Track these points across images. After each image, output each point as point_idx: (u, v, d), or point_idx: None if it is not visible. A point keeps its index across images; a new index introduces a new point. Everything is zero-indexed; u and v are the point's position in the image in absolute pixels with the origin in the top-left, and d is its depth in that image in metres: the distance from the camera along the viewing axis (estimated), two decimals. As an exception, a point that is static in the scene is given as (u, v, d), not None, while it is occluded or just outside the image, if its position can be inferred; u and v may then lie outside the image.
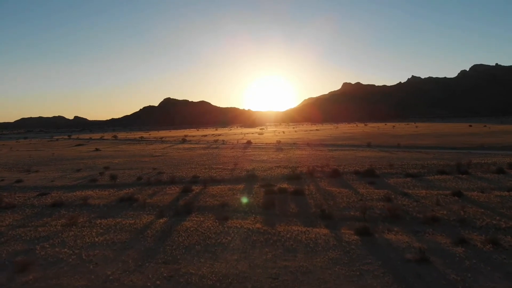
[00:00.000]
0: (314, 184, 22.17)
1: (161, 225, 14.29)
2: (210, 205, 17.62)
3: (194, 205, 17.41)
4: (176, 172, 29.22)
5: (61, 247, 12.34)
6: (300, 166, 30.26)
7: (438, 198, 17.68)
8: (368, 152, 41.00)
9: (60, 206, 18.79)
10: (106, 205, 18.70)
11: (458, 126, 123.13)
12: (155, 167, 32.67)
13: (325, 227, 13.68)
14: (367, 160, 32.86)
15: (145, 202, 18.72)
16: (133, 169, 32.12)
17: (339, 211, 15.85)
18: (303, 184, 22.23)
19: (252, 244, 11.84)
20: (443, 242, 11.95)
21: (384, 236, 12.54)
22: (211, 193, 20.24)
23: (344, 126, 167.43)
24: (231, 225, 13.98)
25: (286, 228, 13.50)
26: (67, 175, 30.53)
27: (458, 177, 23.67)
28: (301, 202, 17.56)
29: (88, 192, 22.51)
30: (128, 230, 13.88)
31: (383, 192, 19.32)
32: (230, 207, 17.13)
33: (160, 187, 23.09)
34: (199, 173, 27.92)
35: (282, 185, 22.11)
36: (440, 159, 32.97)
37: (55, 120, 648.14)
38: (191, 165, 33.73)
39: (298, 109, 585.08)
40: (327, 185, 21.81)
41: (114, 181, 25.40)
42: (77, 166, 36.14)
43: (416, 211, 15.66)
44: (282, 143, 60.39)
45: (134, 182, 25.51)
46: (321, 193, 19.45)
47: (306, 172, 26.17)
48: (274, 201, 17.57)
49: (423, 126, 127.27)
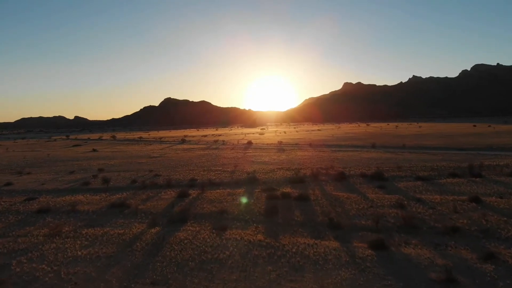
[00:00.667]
0: (320, 188, 20.77)
1: (153, 236, 12.92)
2: (208, 212, 16.24)
3: (190, 212, 16.03)
4: (173, 174, 27.84)
5: (39, 263, 10.98)
6: (303, 168, 28.87)
7: (455, 204, 16.29)
8: (373, 153, 39.60)
9: (46, 213, 17.42)
10: (95, 211, 17.32)
11: (461, 126, 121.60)
12: (151, 169, 31.30)
13: (335, 239, 12.29)
14: (373, 162, 31.46)
15: (137, 208, 17.35)
16: (129, 171, 30.76)
17: (348, 219, 14.45)
18: (308, 188, 20.84)
19: (254, 260, 10.45)
20: (469, 258, 10.58)
21: (402, 250, 11.15)
22: (209, 198, 18.86)
23: (346, 126, 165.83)
24: (229, 236, 12.59)
25: (291, 240, 12.11)
26: (59, 177, 29.17)
27: (471, 181, 22.27)
28: (307, 209, 16.16)
29: (78, 196, 21.14)
30: (115, 242, 12.50)
31: (395, 197, 17.94)
32: (229, 214, 15.75)
33: (155, 191, 21.71)
34: (197, 176, 26.55)
35: (285, 189, 20.73)
36: (449, 160, 31.57)
37: (55, 120, 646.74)
38: (189, 167, 32.35)
39: (299, 109, 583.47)
40: (334, 190, 20.42)
41: (107, 184, 24.02)
42: (71, 168, 34.80)
43: (433, 219, 14.27)
44: (284, 144, 58.99)
45: (128, 185, 24.14)
46: (328, 198, 18.06)
47: (310, 175, 24.78)
48: (277, 207, 16.18)
49: (426, 126, 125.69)
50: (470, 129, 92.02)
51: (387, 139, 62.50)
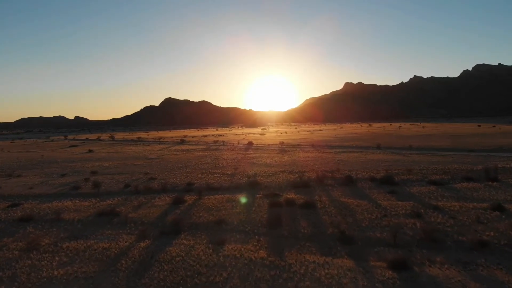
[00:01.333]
0: (326, 194, 19.23)
1: (141, 252, 11.38)
2: (204, 221, 14.71)
3: (185, 222, 14.50)
4: (169, 177, 26.31)
5: (9, 285, 9.47)
6: (307, 171, 27.33)
7: (477, 213, 14.76)
8: (379, 154, 38.02)
9: (28, 222, 15.92)
10: (81, 220, 15.79)
11: (466, 126, 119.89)
12: (147, 172, 29.78)
13: (348, 256, 10.74)
14: (381, 164, 29.90)
15: (127, 217, 15.84)
16: (123, 174, 29.24)
17: (361, 231, 12.91)
18: (313, 194, 19.29)
19: (256, 284, 8.91)
20: (505, 280, 9.05)
21: (427, 271, 9.60)
22: (207, 205, 17.32)
23: (348, 126, 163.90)
24: (228, 252, 11.05)
25: (299, 257, 10.57)
26: (49, 180, 27.66)
27: (488, 185, 20.72)
28: (314, 219, 14.62)
29: (66, 202, 19.64)
30: (98, 259, 10.97)
31: (409, 204, 16.39)
32: (227, 224, 14.22)
33: (149, 196, 20.19)
34: (194, 179, 25.02)
35: (288, 194, 19.20)
36: (461, 163, 30.02)
37: (56, 120, 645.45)
38: (187, 169, 30.82)
39: (300, 109, 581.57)
40: (341, 195, 18.87)
41: (97, 189, 22.50)
42: (64, 170, 33.29)
43: (456, 231, 12.73)
44: (286, 144, 57.41)
45: (120, 190, 22.61)
46: (336, 206, 16.51)
47: (315, 179, 23.24)
48: (281, 216, 14.64)
49: (430, 126, 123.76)
50: (475, 129, 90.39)
51: (392, 139, 60.89)
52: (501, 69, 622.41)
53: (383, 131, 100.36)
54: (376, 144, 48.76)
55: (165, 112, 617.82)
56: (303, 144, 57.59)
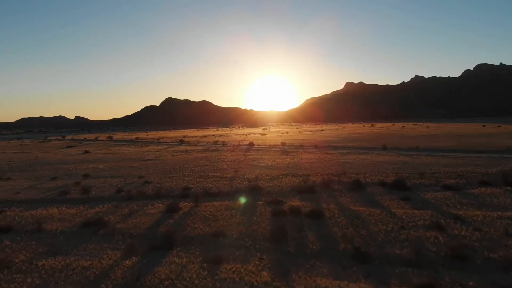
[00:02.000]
0: (334, 201, 17.68)
1: (125, 273, 9.86)
2: (200, 234, 13.18)
3: (178, 234, 12.97)
4: (165, 181, 24.78)
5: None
6: (311, 174, 25.77)
7: (503, 224, 13.28)
8: (386, 156, 36.43)
9: (7, 233, 14.42)
10: (64, 232, 14.28)
11: (470, 126, 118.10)
12: (142, 175, 28.25)
13: (366, 279, 9.22)
14: (389, 167, 28.34)
15: (115, 227, 14.33)
16: (117, 177, 27.72)
17: (378, 247, 11.37)
18: (320, 201, 17.76)
19: (258, 320, 7.38)
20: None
21: (462, 300, 8.07)
22: (203, 214, 15.80)
23: (350, 126, 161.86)
24: (225, 275, 9.53)
25: (308, 282, 9.05)
26: (38, 184, 26.15)
27: (508, 191, 19.18)
28: (323, 231, 13.08)
29: (51, 210, 18.12)
30: (75, 282, 9.47)
31: (427, 213, 14.86)
32: (226, 237, 12.70)
33: (142, 203, 18.66)
34: (191, 184, 23.48)
35: (293, 201, 17.68)
36: (473, 165, 28.45)
37: (56, 120, 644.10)
38: (185, 172, 29.29)
39: (301, 109, 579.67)
40: (351, 203, 17.33)
41: (87, 194, 20.97)
42: (56, 173, 31.78)
43: (485, 247, 11.21)
44: (287, 145, 55.81)
45: (112, 195, 21.08)
46: (347, 215, 14.97)
47: (320, 183, 21.69)
48: (286, 228, 13.12)
49: (434, 126, 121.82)
50: (481, 130, 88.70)
51: (397, 140, 59.24)
52: (503, 69, 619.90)
53: (387, 131, 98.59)
54: (381, 145, 47.17)
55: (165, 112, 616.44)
56: (305, 144, 55.98)
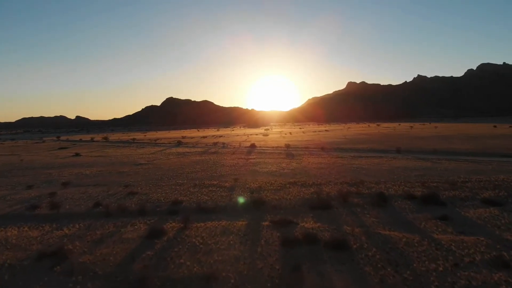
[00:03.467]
0: (357, 221, 14.21)
1: None
2: (185, 276, 9.74)
3: (156, 277, 9.54)
4: (153, 192, 21.34)
5: None
6: (323, 183, 22.29)
7: None
8: (403, 160, 32.88)
9: None
10: (13, 266, 10.87)
11: (480, 126, 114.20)
12: (129, 183, 24.84)
13: None
14: (411, 174, 24.84)
15: (77, 262, 10.91)
16: (100, 186, 24.32)
17: (438, 305, 7.90)
18: (339, 221, 14.31)
19: None
20: None
21: None
22: (193, 242, 12.36)
23: (355, 127, 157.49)
24: None
25: None
26: (10, 195, 22.74)
27: None
28: (352, 272, 9.61)
29: (11, 230, 14.75)
30: None
31: (480, 242, 11.40)
32: (220, 283, 9.25)
33: (120, 222, 15.25)
34: (184, 195, 20.05)
35: (306, 221, 14.25)
36: (506, 172, 24.99)
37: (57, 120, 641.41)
38: (178, 179, 25.85)
39: (302, 109, 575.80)
40: (378, 224, 13.87)
41: (57, 210, 17.57)
42: (35, 180, 28.41)
43: None
44: (292, 147, 52.30)
45: (87, 211, 17.66)
46: (378, 244, 11.49)
47: (336, 195, 18.24)
48: (301, 268, 9.69)
49: (442, 127, 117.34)
50: (492, 130, 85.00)
51: (408, 141, 55.58)
52: (506, 69, 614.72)
53: (394, 131, 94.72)
54: (394, 147, 43.62)
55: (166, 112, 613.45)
56: (311, 146, 52.45)
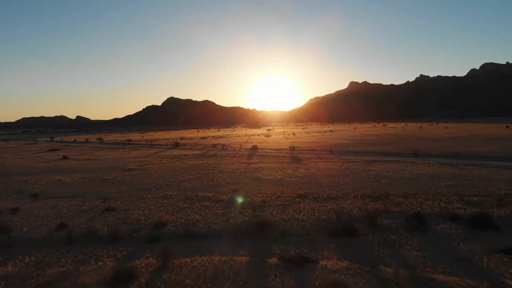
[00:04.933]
0: (396, 257, 10.49)
1: None
2: None
3: None
4: (134, 208, 17.67)
5: None
6: (340, 195, 18.57)
7: None
8: (425, 166, 29.10)
9: None
10: None
11: (491, 127, 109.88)
12: (110, 194, 21.18)
13: None
14: (441, 184, 21.09)
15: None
16: (76, 198, 20.68)
17: None
18: (373, 257, 10.62)
19: None
20: None
21: None
22: (172, 294, 8.69)
23: (361, 127, 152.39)
24: None
25: None
26: (-34, 209, 19.09)
27: None
28: None
29: None
30: None
31: None
32: None
33: (83, 254, 11.62)
34: (171, 213, 16.37)
35: (327, 258, 10.59)
36: (554, 181, 21.22)
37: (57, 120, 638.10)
38: (167, 190, 22.17)
39: (304, 109, 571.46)
40: (425, 261, 10.15)
41: (8, 235, 13.92)
42: (6, 189, 24.81)
43: None
44: (297, 149, 48.52)
45: (47, 235, 13.99)
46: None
47: (360, 215, 14.55)
48: None
49: (453, 127, 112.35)
50: (506, 131, 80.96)
51: (423, 143, 51.67)
52: (509, 68, 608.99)
53: (403, 132, 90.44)
54: (410, 150, 39.83)
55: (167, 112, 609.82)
56: (317, 149, 48.64)
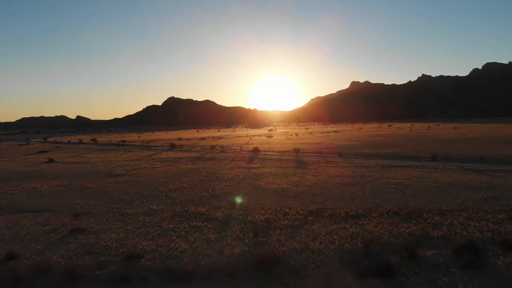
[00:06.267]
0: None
1: None
2: None
3: None
4: (108, 229, 14.26)
5: None
6: (362, 212, 15.11)
7: None
8: (449, 172, 25.63)
9: None
10: None
11: (502, 127, 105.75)
12: (84, 209, 17.80)
13: None
14: (477, 196, 17.61)
15: None
16: (44, 213, 17.32)
17: None
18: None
19: None
20: None
21: None
22: None
23: (366, 127, 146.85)
24: None
25: None
26: None
27: None
28: None
29: None
30: None
31: None
32: None
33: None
34: (150, 238, 12.95)
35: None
36: None
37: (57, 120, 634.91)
38: (153, 202, 18.74)
39: (305, 109, 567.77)
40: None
41: None
42: (-32, 199, 21.43)
43: None
44: (302, 151, 44.99)
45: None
46: None
47: (393, 243, 11.13)
48: None
49: (462, 128, 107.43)
50: (518, 131, 77.31)
51: (437, 145, 48.10)
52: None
53: (411, 133, 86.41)
54: (426, 152, 36.35)
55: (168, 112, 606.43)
56: (324, 151, 45.13)
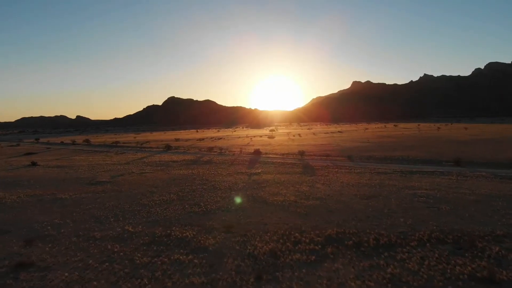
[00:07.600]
0: None
1: None
2: None
3: None
4: (60, 267, 10.58)
5: None
6: (397, 239, 11.48)
7: None
8: (482, 180, 21.92)
9: None
10: None
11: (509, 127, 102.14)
12: (43, 230, 14.18)
13: None
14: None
15: None
16: (-11, 237, 13.66)
17: None
18: None
19: None
20: None
21: None
22: None
23: (372, 127, 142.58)
24: None
25: None
26: None
27: None
28: None
29: None
30: None
31: None
32: None
33: None
34: (110, 283, 9.32)
35: None
36: None
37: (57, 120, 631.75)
38: (129, 223, 15.04)
39: (307, 109, 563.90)
40: None
41: None
42: None
43: None
44: (307, 154, 41.31)
45: None
46: None
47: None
48: None
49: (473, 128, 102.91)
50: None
51: (453, 147, 44.33)
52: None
53: (420, 134, 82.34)
54: (445, 156, 32.64)
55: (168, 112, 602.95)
56: (331, 153, 41.44)
